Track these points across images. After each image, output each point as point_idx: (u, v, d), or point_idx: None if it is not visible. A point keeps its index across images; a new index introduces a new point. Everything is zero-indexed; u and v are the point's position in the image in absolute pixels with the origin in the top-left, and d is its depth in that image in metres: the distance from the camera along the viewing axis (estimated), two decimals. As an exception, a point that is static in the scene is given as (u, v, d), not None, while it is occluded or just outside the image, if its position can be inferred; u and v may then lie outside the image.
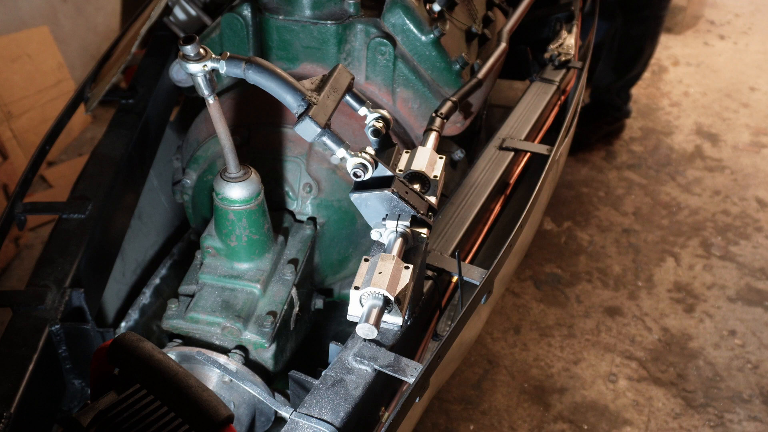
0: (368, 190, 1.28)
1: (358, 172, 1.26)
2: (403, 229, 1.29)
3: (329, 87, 1.29)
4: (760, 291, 2.95)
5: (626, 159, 3.75)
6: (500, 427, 2.43)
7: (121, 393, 1.04)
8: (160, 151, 2.20)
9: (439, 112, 1.68)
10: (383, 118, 1.39)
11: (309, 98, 1.23)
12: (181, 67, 1.25)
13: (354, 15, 1.79)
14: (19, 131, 3.38)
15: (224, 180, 1.44)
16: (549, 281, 2.98)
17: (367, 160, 1.25)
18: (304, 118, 1.22)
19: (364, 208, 1.31)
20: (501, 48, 1.95)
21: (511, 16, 2.12)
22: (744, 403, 2.51)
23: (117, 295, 2.01)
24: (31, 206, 1.77)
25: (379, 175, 1.28)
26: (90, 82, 2.11)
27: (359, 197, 1.30)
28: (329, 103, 1.27)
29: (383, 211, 1.31)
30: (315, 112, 1.22)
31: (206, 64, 1.23)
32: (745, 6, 5.34)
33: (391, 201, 1.29)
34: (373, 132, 1.39)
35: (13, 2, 3.45)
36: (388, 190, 1.27)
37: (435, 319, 1.53)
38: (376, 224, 1.32)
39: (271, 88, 1.25)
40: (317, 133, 1.23)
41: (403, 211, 1.30)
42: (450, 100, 1.73)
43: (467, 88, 1.81)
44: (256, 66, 1.24)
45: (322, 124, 1.22)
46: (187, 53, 1.22)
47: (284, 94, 1.24)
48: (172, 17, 2.20)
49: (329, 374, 1.24)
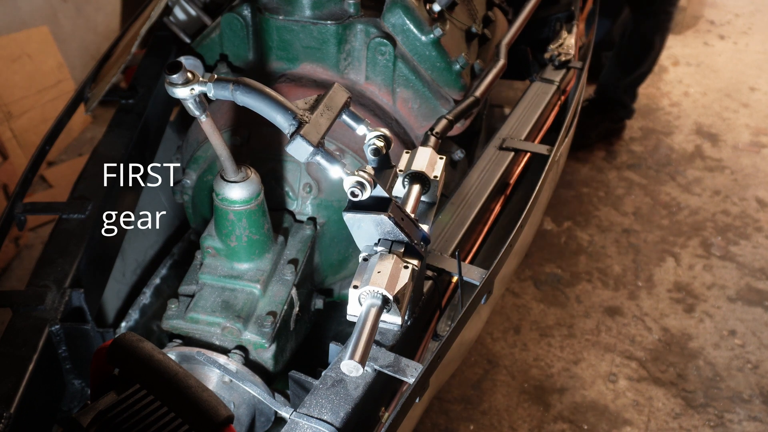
0: (363, 211, 1.22)
1: (356, 191, 1.19)
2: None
3: (323, 105, 1.25)
4: (760, 291, 2.95)
5: (626, 159, 3.75)
6: (500, 427, 2.43)
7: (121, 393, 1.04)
8: (160, 151, 2.20)
9: (435, 131, 1.63)
10: (384, 137, 1.33)
11: (300, 117, 1.19)
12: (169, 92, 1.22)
13: (354, 15, 1.79)
14: (19, 131, 3.38)
15: (224, 180, 1.44)
16: (549, 281, 2.98)
17: (366, 179, 1.19)
18: (296, 138, 1.17)
19: (356, 229, 1.26)
20: (500, 65, 1.93)
21: (511, 26, 2.12)
22: (744, 403, 2.51)
23: (117, 295, 2.01)
24: (31, 206, 1.77)
25: (376, 196, 1.22)
26: (90, 82, 2.11)
27: (353, 218, 1.24)
28: (323, 121, 1.22)
29: (376, 235, 1.25)
30: (307, 131, 1.18)
31: (193, 88, 1.21)
32: (745, 6, 5.34)
33: (385, 226, 1.23)
34: (373, 151, 1.33)
35: (13, 2, 3.45)
36: (384, 215, 1.21)
37: (435, 319, 1.53)
38: (366, 248, 1.27)
39: (260, 109, 1.21)
40: (310, 152, 1.18)
41: (397, 238, 1.25)
42: (445, 118, 1.69)
43: (464, 106, 1.78)
44: (244, 87, 1.21)
45: (315, 143, 1.18)
46: (174, 81, 1.21)
47: (274, 114, 1.20)
48: (172, 17, 2.19)
49: (329, 374, 1.24)
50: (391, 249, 1.24)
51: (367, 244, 1.27)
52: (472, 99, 1.82)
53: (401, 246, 1.25)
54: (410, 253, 1.26)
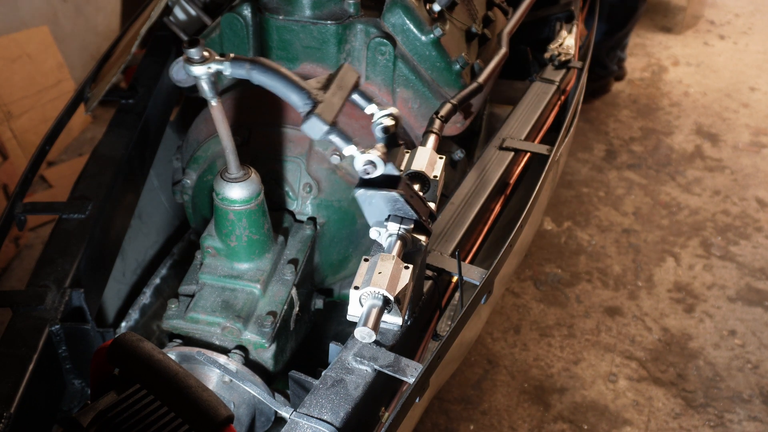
0: (374, 188, 1.26)
1: (369, 169, 1.23)
2: (403, 233, 1.28)
3: (335, 85, 1.27)
4: (760, 291, 2.95)
5: (626, 159, 3.75)
6: (500, 427, 2.43)
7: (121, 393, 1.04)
8: (160, 151, 2.20)
9: (439, 114, 1.67)
10: (393, 116, 1.37)
11: (315, 96, 1.22)
12: (185, 70, 1.24)
13: (354, 15, 1.79)
14: (19, 131, 3.38)
15: (224, 180, 1.44)
16: (549, 281, 2.98)
17: (378, 157, 1.23)
18: (311, 116, 1.20)
19: (367, 205, 1.29)
20: (502, 53, 1.95)
21: (511, 17, 2.12)
22: (744, 403, 2.51)
23: (117, 295, 2.01)
24: (31, 206, 1.77)
25: (387, 174, 1.26)
26: (90, 82, 2.11)
27: (364, 194, 1.27)
28: (336, 100, 1.25)
29: (386, 211, 1.29)
30: (321, 110, 1.21)
31: (210, 66, 1.23)
32: (745, 6, 5.34)
33: (396, 203, 1.27)
34: (382, 129, 1.37)
35: (13, 2, 3.45)
36: (396, 192, 1.25)
37: (435, 319, 1.53)
38: (375, 223, 1.31)
39: (276, 88, 1.24)
40: (324, 131, 1.21)
41: (407, 214, 1.28)
42: (450, 102, 1.72)
43: (468, 92, 1.80)
44: (261, 66, 1.23)
45: (329, 122, 1.21)
46: (192, 56, 1.22)
47: (290, 94, 1.23)
48: (172, 17, 2.19)
49: (329, 374, 1.24)
50: (401, 225, 1.28)
51: (378, 220, 1.30)
52: (476, 85, 1.83)
53: (410, 222, 1.28)
54: (419, 230, 1.29)
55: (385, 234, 1.30)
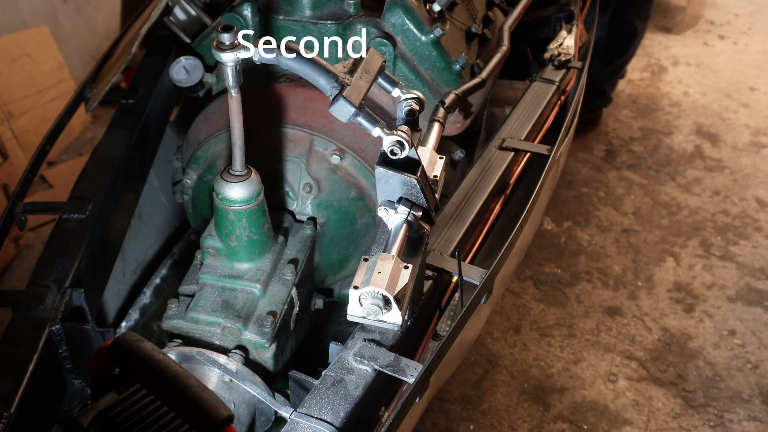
0: (395, 169, 1.27)
1: (396, 149, 1.24)
2: (412, 219, 1.30)
3: (361, 69, 1.30)
4: (759, 291, 2.95)
5: (626, 159, 3.75)
6: (500, 427, 2.43)
7: (121, 393, 1.04)
8: (160, 151, 2.20)
9: (444, 103, 1.68)
10: (419, 100, 1.40)
11: (342, 80, 1.24)
12: (214, 55, 1.25)
13: (354, 15, 1.79)
14: (19, 131, 3.38)
15: (224, 180, 1.44)
16: (549, 281, 2.98)
17: (405, 138, 1.24)
18: (339, 99, 1.22)
19: (383, 183, 1.31)
20: (503, 50, 1.95)
21: (511, 13, 2.12)
22: (744, 403, 2.51)
23: (117, 295, 2.01)
24: (31, 206, 1.77)
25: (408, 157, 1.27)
26: (90, 82, 2.11)
27: (384, 173, 1.28)
28: (362, 84, 1.28)
29: (399, 193, 1.31)
30: (349, 93, 1.23)
31: (239, 52, 1.24)
32: (745, 6, 5.34)
33: (412, 188, 1.29)
34: (408, 112, 1.39)
35: (13, 2, 3.45)
36: (415, 178, 1.26)
37: (435, 319, 1.53)
38: (384, 202, 1.32)
39: (304, 72, 1.26)
40: (352, 113, 1.24)
41: (418, 201, 1.30)
42: (454, 93, 1.72)
43: (471, 85, 1.81)
44: (290, 51, 1.25)
45: (357, 104, 1.23)
46: (223, 41, 1.23)
47: (318, 77, 1.25)
48: (172, 17, 2.19)
49: (329, 374, 1.24)
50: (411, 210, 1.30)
51: (388, 199, 1.32)
52: (479, 79, 1.83)
53: (420, 210, 1.30)
54: (425, 219, 1.32)
55: (393, 215, 1.31)
